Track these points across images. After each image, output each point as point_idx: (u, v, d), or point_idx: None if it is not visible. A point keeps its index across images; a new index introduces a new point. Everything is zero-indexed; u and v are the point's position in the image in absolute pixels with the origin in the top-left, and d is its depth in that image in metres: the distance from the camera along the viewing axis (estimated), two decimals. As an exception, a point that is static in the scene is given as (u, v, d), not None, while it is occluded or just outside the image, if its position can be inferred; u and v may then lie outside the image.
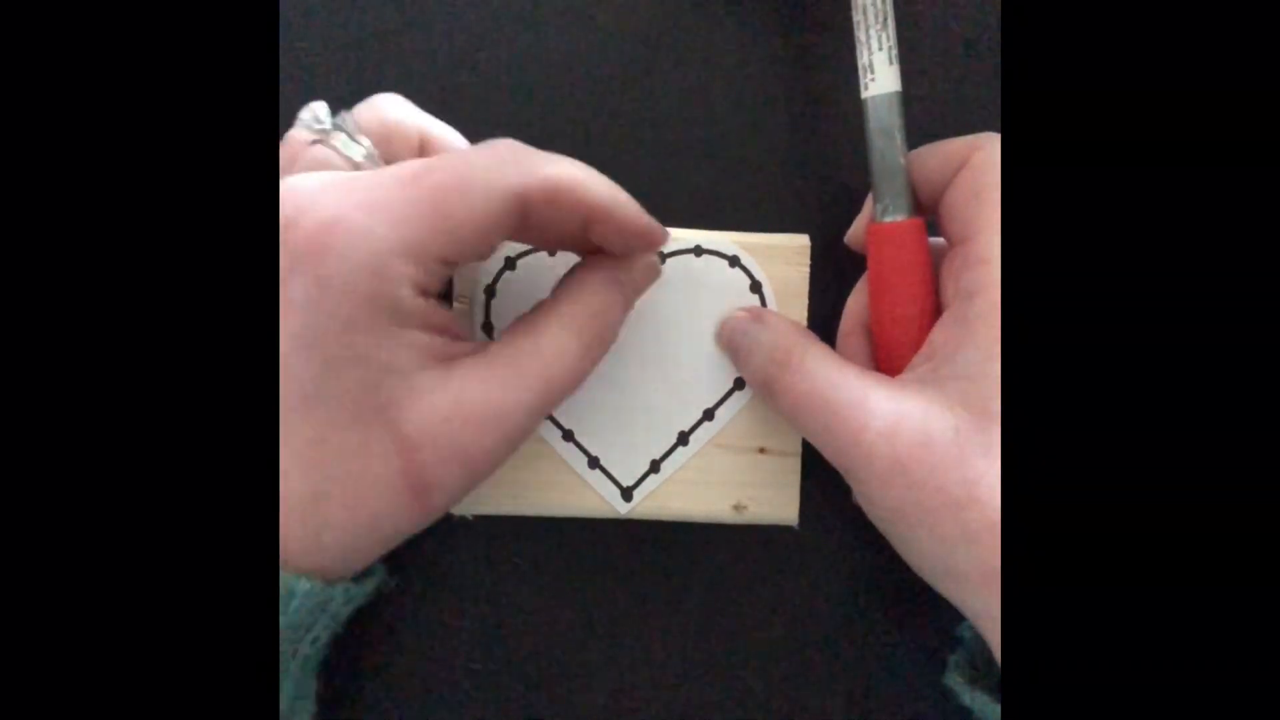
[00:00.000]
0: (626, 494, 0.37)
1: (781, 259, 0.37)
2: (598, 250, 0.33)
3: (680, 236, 0.37)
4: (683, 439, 0.37)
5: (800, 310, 0.37)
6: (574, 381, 0.31)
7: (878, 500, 0.31)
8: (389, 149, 0.33)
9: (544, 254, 0.36)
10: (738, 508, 0.37)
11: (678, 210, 0.38)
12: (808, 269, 0.37)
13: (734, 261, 0.37)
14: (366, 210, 0.27)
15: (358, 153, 0.32)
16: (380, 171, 0.29)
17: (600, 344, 0.32)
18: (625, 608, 0.38)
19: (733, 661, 0.38)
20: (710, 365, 0.37)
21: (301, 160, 0.32)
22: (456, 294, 0.36)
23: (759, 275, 0.37)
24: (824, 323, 0.37)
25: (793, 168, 0.38)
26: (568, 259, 0.36)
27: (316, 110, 0.33)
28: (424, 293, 0.29)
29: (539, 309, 0.32)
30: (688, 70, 0.39)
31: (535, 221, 0.30)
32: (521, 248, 0.36)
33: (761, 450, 0.37)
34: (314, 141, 0.32)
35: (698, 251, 0.37)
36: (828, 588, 0.38)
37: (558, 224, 0.30)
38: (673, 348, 0.37)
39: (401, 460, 0.28)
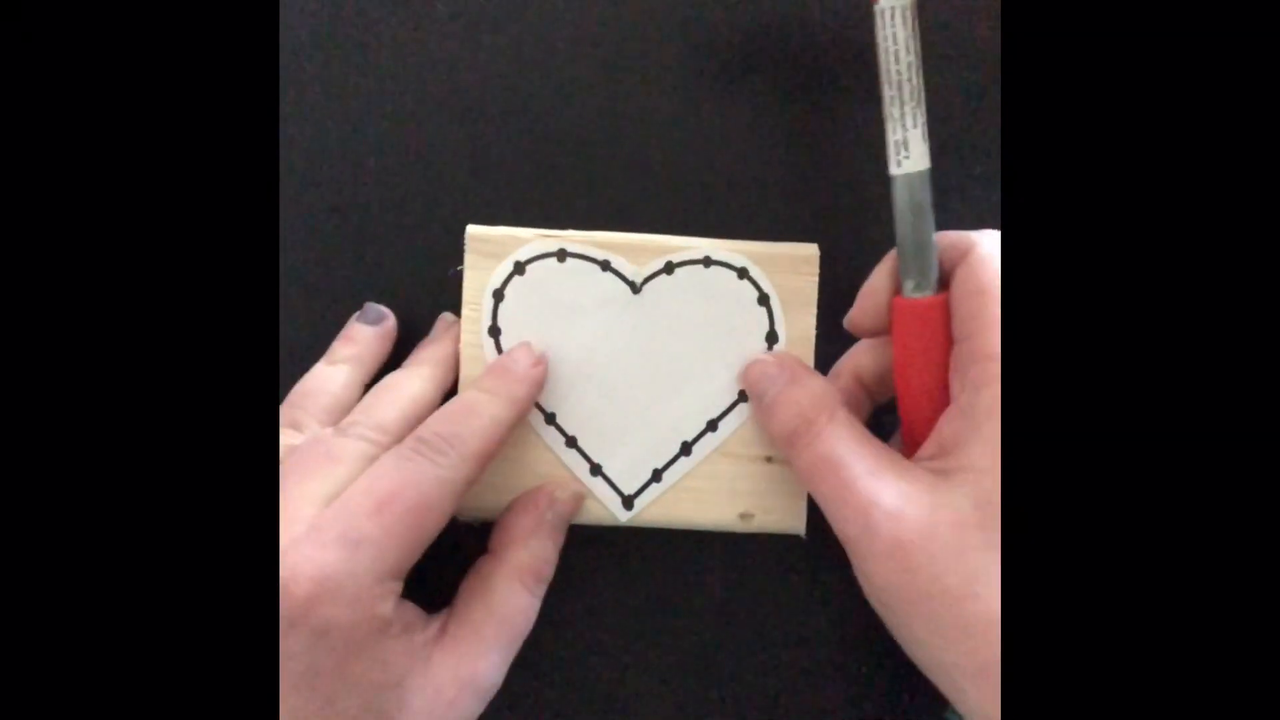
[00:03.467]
0: (628, 502, 0.37)
1: (790, 268, 0.37)
2: None
3: (689, 245, 0.37)
4: (685, 449, 0.37)
5: (809, 320, 0.37)
6: (531, 622, 0.35)
7: (875, 579, 0.31)
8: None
9: (553, 259, 0.37)
10: (745, 516, 0.37)
11: (687, 218, 0.38)
12: (816, 278, 0.37)
13: (743, 273, 0.37)
14: (347, 551, 0.30)
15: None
16: (350, 497, 0.31)
17: (544, 581, 0.36)
18: (630, 614, 0.38)
19: (736, 669, 0.38)
20: (715, 377, 0.37)
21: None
22: (465, 299, 0.37)
23: (767, 288, 0.36)
24: (833, 332, 0.37)
25: (803, 176, 0.38)
26: (576, 266, 0.37)
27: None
28: (399, 598, 0.32)
29: (484, 566, 0.35)
30: (699, 77, 0.39)
31: None
32: (531, 253, 0.37)
33: (768, 459, 0.37)
34: None
35: (706, 262, 0.37)
36: (835, 596, 0.38)
37: None
38: (679, 358, 0.37)
39: None
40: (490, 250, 0.37)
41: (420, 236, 0.39)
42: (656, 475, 0.37)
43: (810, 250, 0.37)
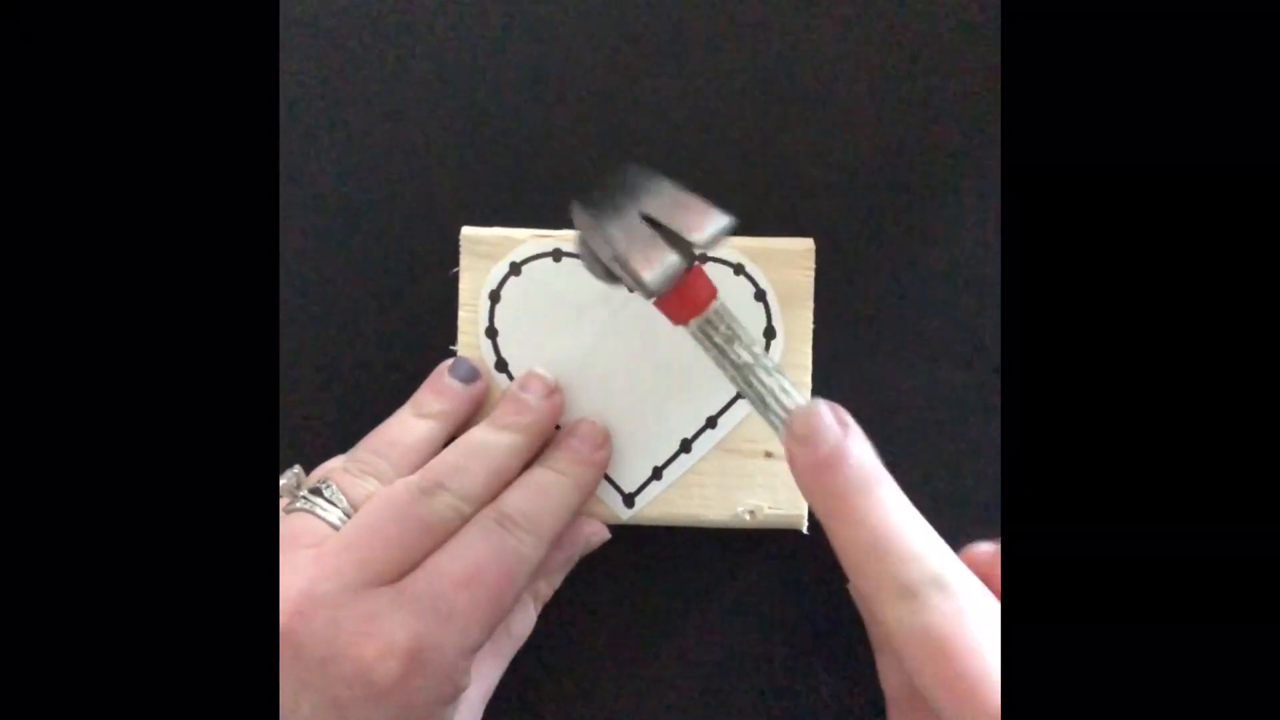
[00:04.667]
0: (628, 500, 0.37)
1: (786, 263, 0.37)
2: None
3: (685, 242, 0.37)
4: (685, 446, 0.37)
5: (806, 315, 0.37)
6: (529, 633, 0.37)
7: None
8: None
9: (549, 259, 0.37)
10: (746, 512, 0.37)
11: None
12: (813, 273, 0.37)
13: (739, 269, 0.37)
14: (440, 625, 0.31)
15: (334, 516, 0.33)
16: (438, 565, 0.32)
17: (547, 597, 0.37)
18: (631, 613, 0.38)
19: (739, 667, 0.38)
20: (713, 373, 0.36)
21: (287, 537, 0.33)
22: (462, 301, 0.37)
23: (763, 283, 0.36)
24: (829, 326, 0.37)
25: (798, 171, 0.38)
26: (572, 266, 0.37)
27: (301, 476, 0.36)
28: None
29: None
30: (691, 76, 0.39)
31: None
32: (527, 253, 0.37)
33: (768, 455, 0.37)
34: (293, 508, 0.34)
35: (702, 259, 0.37)
36: (838, 591, 0.38)
37: None
38: (676, 356, 0.37)
39: None
40: (485, 251, 0.37)
41: (415, 238, 0.39)
42: (657, 473, 0.37)
43: (806, 245, 0.37)
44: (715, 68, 0.39)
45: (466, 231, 0.37)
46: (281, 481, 0.35)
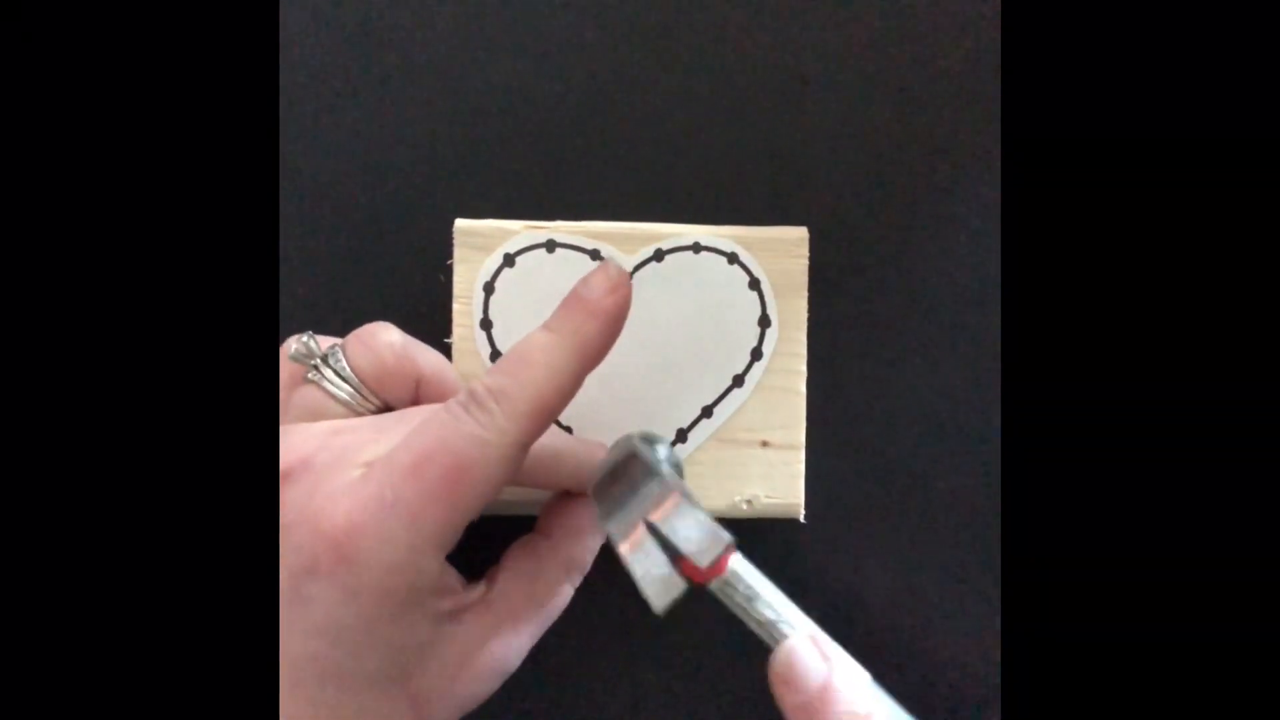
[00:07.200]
0: (626, 490, 0.37)
1: (781, 251, 0.37)
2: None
3: (679, 232, 0.37)
4: (681, 436, 0.37)
5: (800, 303, 0.37)
6: (561, 611, 0.34)
7: None
8: (383, 387, 0.33)
9: (542, 250, 0.36)
10: (743, 501, 0.37)
11: (676, 205, 0.38)
12: (806, 261, 0.37)
13: (732, 258, 0.37)
14: (382, 512, 0.28)
15: (343, 392, 0.32)
16: (392, 454, 0.29)
17: (584, 574, 0.34)
18: (629, 604, 0.38)
19: (736, 654, 0.39)
20: (708, 362, 0.37)
21: (292, 406, 0.32)
22: (456, 293, 0.36)
23: (757, 272, 0.37)
24: (824, 316, 0.37)
25: (791, 159, 0.38)
26: (566, 256, 0.36)
27: (308, 342, 0.33)
28: (440, 563, 0.30)
29: (538, 547, 0.34)
30: (684, 65, 0.39)
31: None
32: (520, 244, 0.36)
33: (764, 444, 0.37)
34: (305, 379, 0.32)
35: (696, 248, 0.37)
36: (834, 583, 0.38)
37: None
38: (671, 345, 0.37)
39: (412, 713, 0.30)
40: (479, 243, 0.36)
41: (408, 231, 0.38)
42: (654, 463, 0.37)
43: (800, 233, 0.37)
44: (711, 57, 0.39)
45: (460, 224, 0.36)
46: (291, 348, 0.33)
